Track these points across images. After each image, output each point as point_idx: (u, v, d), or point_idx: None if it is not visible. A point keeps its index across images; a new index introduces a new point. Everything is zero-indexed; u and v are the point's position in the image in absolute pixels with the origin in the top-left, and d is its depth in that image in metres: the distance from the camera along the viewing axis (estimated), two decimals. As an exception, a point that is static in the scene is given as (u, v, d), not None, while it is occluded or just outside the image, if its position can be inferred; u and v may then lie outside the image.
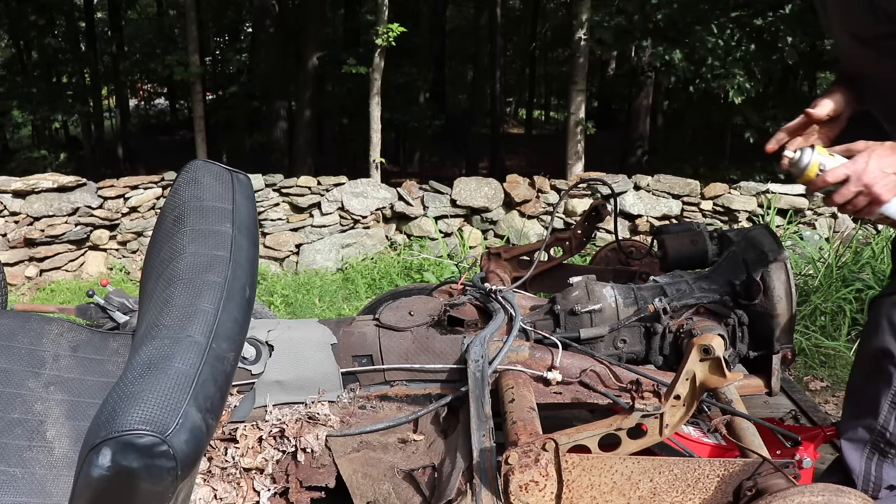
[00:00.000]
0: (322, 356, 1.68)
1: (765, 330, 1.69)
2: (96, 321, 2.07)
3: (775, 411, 2.40)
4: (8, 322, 1.53)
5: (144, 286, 1.35)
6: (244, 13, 15.50)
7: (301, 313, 4.90)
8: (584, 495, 1.23)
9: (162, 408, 0.83)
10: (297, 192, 6.02)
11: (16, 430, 1.31)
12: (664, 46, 7.31)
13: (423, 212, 6.04)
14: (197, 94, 9.03)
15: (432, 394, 1.66)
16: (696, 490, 1.22)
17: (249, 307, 1.17)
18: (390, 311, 1.76)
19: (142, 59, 16.66)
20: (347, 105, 12.87)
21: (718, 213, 5.92)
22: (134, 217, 5.92)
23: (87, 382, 1.46)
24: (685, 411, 1.34)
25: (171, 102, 20.56)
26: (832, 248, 4.68)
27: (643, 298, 1.75)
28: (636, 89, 11.79)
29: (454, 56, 19.33)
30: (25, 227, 5.54)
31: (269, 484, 1.50)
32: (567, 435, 1.32)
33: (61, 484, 1.25)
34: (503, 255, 2.28)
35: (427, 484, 1.42)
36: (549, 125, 21.95)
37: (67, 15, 13.24)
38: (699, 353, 1.27)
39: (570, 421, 1.65)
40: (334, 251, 6.05)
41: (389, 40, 7.06)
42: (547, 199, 6.02)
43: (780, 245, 1.69)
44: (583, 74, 7.82)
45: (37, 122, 13.53)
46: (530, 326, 1.71)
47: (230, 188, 1.34)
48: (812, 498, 1.10)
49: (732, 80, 7.06)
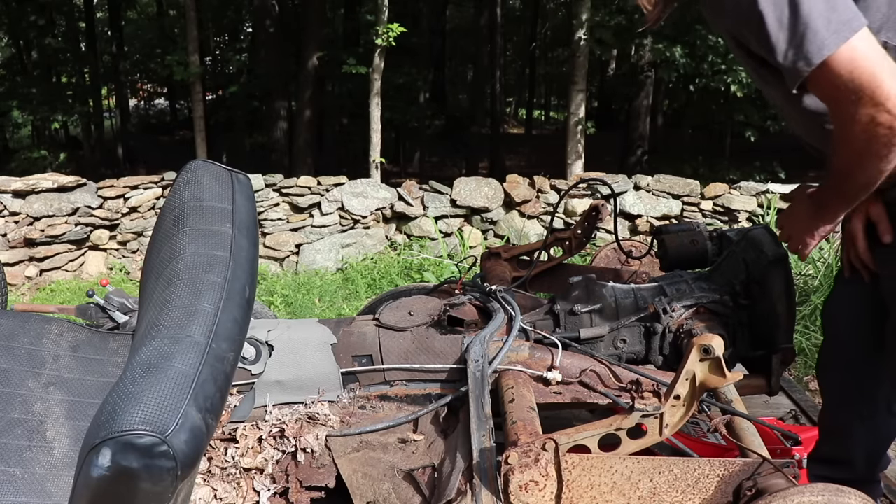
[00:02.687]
0: (322, 356, 1.68)
1: (765, 330, 1.69)
2: (96, 321, 2.07)
3: (775, 411, 2.40)
4: (8, 322, 1.53)
5: (144, 286, 1.35)
6: (244, 13, 15.49)
7: (301, 313, 4.90)
8: (584, 495, 1.23)
9: (162, 408, 0.83)
10: (297, 192, 6.02)
11: (16, 430, 1.31)
12: (665, 43, 7.31)
13: (423, 212, 6.04)
14: (197, 94, 9.03)
15: (432, 394, 1.66)
16: (696, 490, 1.22)
17: (249, 307, 1.17)
18: (390, 311, 1.76)
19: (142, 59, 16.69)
20: (347, 105, 12.87)
21: (718, 213, 5.92)
22: (134, 217, 5.92)
23: (87, 382, 1.46)
24: (685, 411, 1.34)
25: (171, 102, 20.56)
26: (832, 248, 4.67)
27: (643, 298, 1.75)
28: (636, 89, 11.79)
29: (454, 56, 19.34)
30: (25, 227, 5.54)
31: (269, 484, 1.50)
32: (567, 435, 1.32)
33: (61, 484, 1.25)
34: (503, 255, 2.28)
35: (427, 484, 1.42)
36: (549, 125, 21.95)
37: (67, 15, 13.23)
38: (699, 353, 1.27)
39: (570, 421, 1.66)
40: (334, 251, 6.05)
41: (389, 40, 7.06)
42: (547, 199, 6.02)
43: (780, 245, 1.69)
44: (583, 74, 7.82)
45: (37, 122, 13.53)
46: (530, 326, 1.71)
47: (230, 188, 1.34)
48: (812, 498, 1.10)
49: (735, 74, 7.06)
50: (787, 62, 1.15)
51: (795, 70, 1.15)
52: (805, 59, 1.13)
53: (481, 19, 14.52)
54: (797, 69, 1.14)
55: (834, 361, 1.59)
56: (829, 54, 1.11)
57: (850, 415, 1.57)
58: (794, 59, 1.14)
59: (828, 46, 1.10)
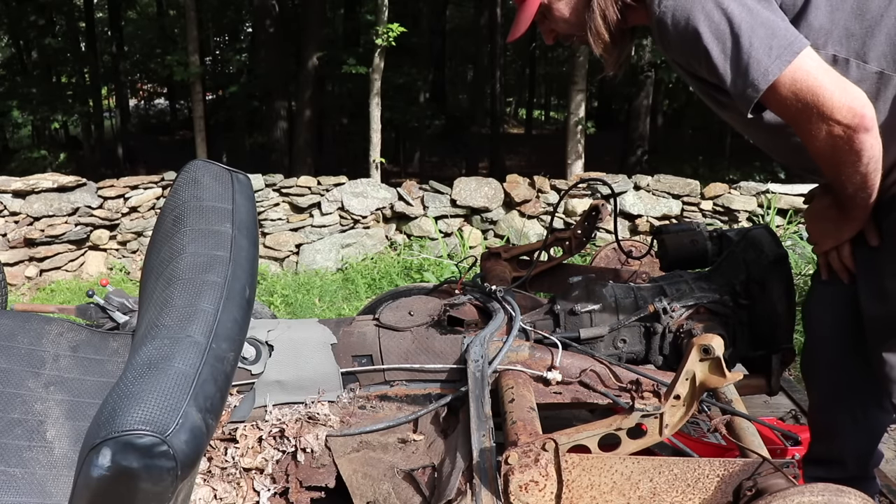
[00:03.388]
0: (322, 356, 1.68)
1: (764, 330, 1.69)
2: (96, 321, 2.07)
3: (775, 411, 2.40)
4: (8, 322, 1.53)
5: (144, 286, 1.35)
6: (244, 13, 15.48)
7: (301, 313, 4.90)
8: (584, 495, 1.23)
9: (162, 408, 0.83)
10: (297, 192, 6.02)
11: (16, 430, 1.31)
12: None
13: (423, 212, 6.04)
14: (197, 94, 9.03)
15: (432, 394, 1.66)
16: (696, 490, 1.22)
17: (249, 307, 1.16)
18: (390, 311, 1.76)
19: (142, 59, 16.68)
20: (347, 105, 12.88)
21: (718, 213, 5.92)
22: (134, 217, 5.93)
23: (87, 382, 1.46)
24: (685, 411, 1.34)
25: (171, 102, 20.55)
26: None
27: (643, 298, 1.75)
28: (636, 89, 11.79)
29: (454, 56, 19.32)
30: (25, 227, 5.54)
31: (269, 484, 1.50)
32: (567, 435, 1.32)
33: (61, 484, 1.25)
34: (503, 255, 2.28)
35: (427, 484, 1.42)
36: (549, 125, 21.95)
37: (67, 15, 13.24)
38: (699, 353, 1.27)
39: (570, 421, 1.65)
40: (334, 251, 6.05)
41: (389, 40, 7.06)
42: (547, 199, 6.02)
43: (780, 245, 1.69)
44: (583, 74, 7.82)
45: (37, 122, 13.54)
46: (530, 326, 1.71)
47: (230, 188, 1.34)
48: (812, 498, 1.10)
49: None
50: (738, 90, 1.22)
51: (745, 97, 1.22)
52: (752, 87, 1.20)
53: (481, 19, 14.53)
54: (746, 95, 1.21)
55: (820, 361, 1.59)
56: (774, 79, 1.18)
57: (839, 414, 1.57)
58: (742, 87, 1.21)
59: (772, 72, 1.18)
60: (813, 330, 1.59)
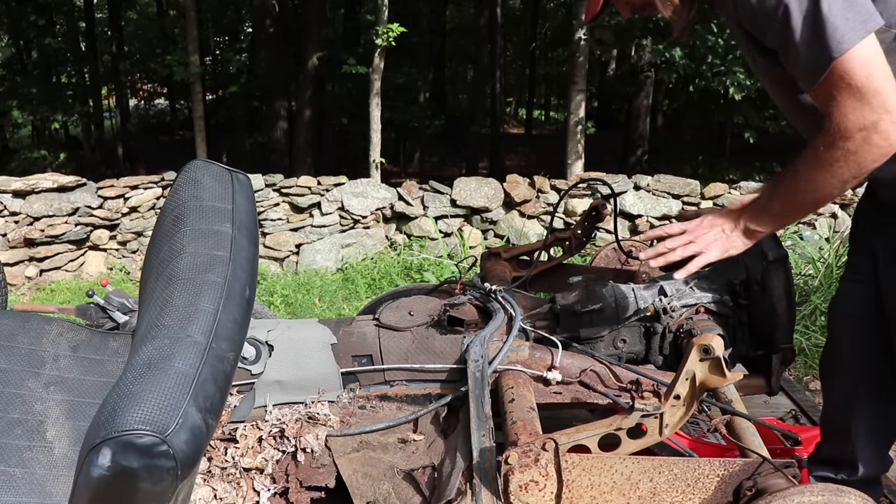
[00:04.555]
0: (322, 356, 1.68)
1: (765, 330, 1.69)
2: (96, 321, 2.07)
3: (775, 411, 2.41)
4: (8, 322, 1.53)
5: (144, 286, 1.35)
6: (244, 13, 15.48)
7: (301, 313, 4.90)
8: (584, 495, 1.23)
9: (162, 408, 0.83)
10: (297, 192, 6.02)
11: (16, 430, 1.31)
12: (664, 45, 7.32)
13: (423, 212, 6.04)
14: (197, 94, 9.03)
15: (432, 394, 1.66)
16: (696, 490, 1.22)
17: (249, 307, 1.17)
18: (390, 311, 1.76)
19: (142, 59, 16.67)
20: (347, 105, 12.87)
21: (718, 213, 5.91)
22: (134, 217, 5.92)
23: (86, 382, 1.46)
24: (685, 411, 1.34)
25: (171, 102, 20.54)
26: (832, 248, 4.67)
27: (643, 298, 1.75)
28: (636, 89, 11.78)
29: (454, 56, 19.32)
30: (25, 227, 5.54)
31: (269, 484, 1.50)
32: (567, 435, 1.32)
33: (61, 484, 1.25)
34: (503, 255, 2.28)
35: (427, 484, 1.42)
36: (549, 125, 21.94)
37: (67, 15, 13.23)
38: (699, 353, 1.27)
39: (570, 421, 1.66)
40: (334, 251, 6.05)
41: (389, 40, 7.06)
42: (547, 199, 6.02)
43: (780, 245, 1.69)
44: (583, 74, 7.82)
45: (37, 122, 13.52)
46: (530, 326, 1.71)
47: (230, 188, 1.34)
48: (812, 498, 1.10)
49: (733, 76, 7.06)
50: (809, 55, 1.18)
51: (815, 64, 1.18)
52: (826, 54, 1.16)
53: (481, 19, 14.53)
54: (817, 63, 1.18)
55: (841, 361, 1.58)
56: (849, 48, 1.14)
57: (856, 416, 1.56)
58: (816, 53, 1.17)
59: (847, 41, 1.14)
60: (837, 328, 1.58)
